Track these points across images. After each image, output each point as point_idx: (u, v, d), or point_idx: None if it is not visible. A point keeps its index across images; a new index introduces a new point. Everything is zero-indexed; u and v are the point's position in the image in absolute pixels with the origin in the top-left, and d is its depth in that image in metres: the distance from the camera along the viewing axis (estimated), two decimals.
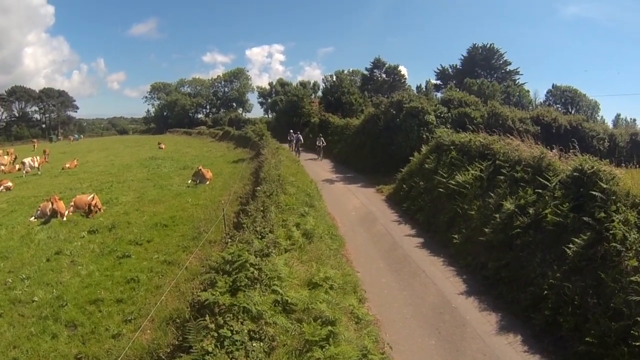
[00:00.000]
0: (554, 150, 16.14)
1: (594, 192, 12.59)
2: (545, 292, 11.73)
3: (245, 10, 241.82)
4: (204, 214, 20.03)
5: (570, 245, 11.91)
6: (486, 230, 15.19)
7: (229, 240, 11.66)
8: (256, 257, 10.12)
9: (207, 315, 8.02)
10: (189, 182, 29.57)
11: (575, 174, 13.60)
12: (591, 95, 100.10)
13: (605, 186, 12.58)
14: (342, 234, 18.63)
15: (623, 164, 17.00)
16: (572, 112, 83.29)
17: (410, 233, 19.16)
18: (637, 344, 9.18)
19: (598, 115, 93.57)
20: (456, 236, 16.67)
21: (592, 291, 10.79)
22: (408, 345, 10.97)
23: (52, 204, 20.63)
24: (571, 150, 15.20)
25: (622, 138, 39.63)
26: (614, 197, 12.28)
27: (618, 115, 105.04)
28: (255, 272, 9.46)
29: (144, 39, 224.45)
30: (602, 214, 11.92)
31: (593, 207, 12.34)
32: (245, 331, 7.69)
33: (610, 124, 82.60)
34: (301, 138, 48.59)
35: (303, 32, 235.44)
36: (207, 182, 29.20)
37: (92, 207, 21.15)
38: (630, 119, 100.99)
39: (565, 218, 12.82)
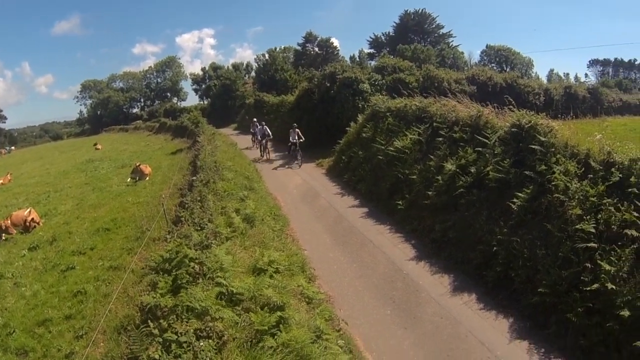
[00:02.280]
0: (489, 108, 16.35)
1: (533, 146, 12.79)
2: (495, 248, 11.92)
3: None
4: (146, 212, 19.37)
5: (515, 200, 12.13)
6: (429, 193, 15.29)
7: (168, 236, 11.24)
8: (196, 250, 9.84)
9: (149, 321, 7.70)
10: (128, 180, 28.68)
11: (513, 129, 13.81)
12: (525, 52, 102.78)
13: (543, 139, 12.79)
14: (285, 213, 18.42)
15: (559, 117, 17.26)
16: (507, 70, 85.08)
17: (354, 204, 19.19)
18: (588, 288, 9.46)
19: (532, 72, 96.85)
20: (400, 202, 16.73)
21: (540, 243, 11.04)
22: (364, 318, 10.94)
23: None
24: (507, 107, 15.39)
25: (557, 92, 41.46)
26: (552, 149, 12.53)
27: (552, 71, 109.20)
28: (195, 266, 9.19)
29: (68, 37, 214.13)
30: (543, 167, 12.18)
31: (533, 161, 12.57)
32: (192, 331, 7.42)
33: (544, 80, 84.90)
34: (269, 131, 33.79)
35: (231, 13, 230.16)
36: (147, 178, 28.37)
37: (29, 223, 20.10)
38: (564, 73, 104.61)
39: (507, 174, 13.02)
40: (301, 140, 29.08)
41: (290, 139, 29.54)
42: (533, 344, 9.71)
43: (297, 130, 29.30)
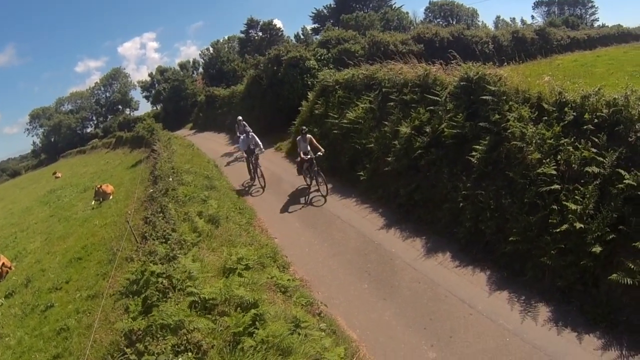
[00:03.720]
0: (436, 65, 16.38)
1: (484, 97, 12.91)
2: (461, 204, 12.11)
3: (100, 8, 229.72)
4: (114, 232, 18.90)
5: (473, 154, 12.28)
6: (389, 159, 15.32)
7: (134, 256, 11.09)
8: (162, 264, 9.69)
9: (126, 348, 7.62)
10: (92, 203, 27.95)
11: (462, 83, 13.89)
12: (468, 3, 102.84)
13: (493, 89, 12.91)
14: (250, 204, 18.25)
15: (510, 61, 17.80)
16: (454, 23, 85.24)
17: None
18: (558, 230, 9.69)
19: (479, 21, 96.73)
20: (362, 173, 16.80)
21: (505, 192, 11.23)
22: (342, 297, 10.99)
23: None
24: (454, 61, 15.49)
25: (505, 38, 42.11)
26: (504, 97, 12.65)
27: (498, 17, 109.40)
28: (164, 281, 9.07)
29: (6, 69, 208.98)
30: (497, 116, 12.31)
31: (487, 112, 12.69)
32: (169, 348, 7.34)
33: (492, 27, 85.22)
34: (257, 139, 21.12)
35: (168, 13, 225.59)
36: (110, 197, 27.72)
37: (1, 269, 19.63)
38: (510, 18, 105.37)
39: (462, 128, 13.11)
40: (320, 153, 17.41)
41: (301, 153, 17.85)
42: (512, 292, 9.92)
43: (308, 136, 18.03)
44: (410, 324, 9.70)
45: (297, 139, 18.29)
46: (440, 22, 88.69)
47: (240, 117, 26.48)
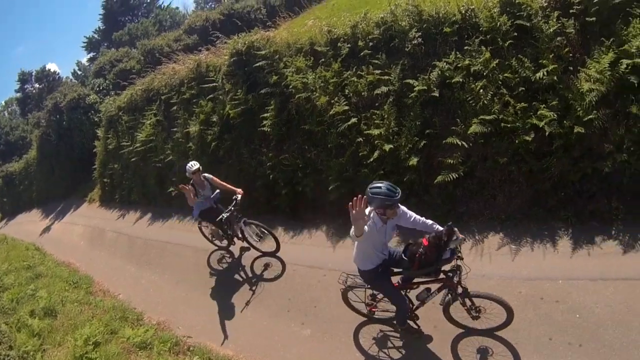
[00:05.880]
0: (204, 52, 16.46)
1: (258, 64, 12.91)
2: (271, 175, 12.39)
3: None
4: None
5: (264, 122, 12.46)
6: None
7: None
8: None
9: None
10: None
11: (233, 59, 13.85)
12: None
13: (264, 52, 12.98)
14: (84, 271, 16.94)
15: (284, 19, 17.95)
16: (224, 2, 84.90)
17: (137, 217, 18.54)
18: (371, 159, 10.33)
19: None
20: (172, 188, 16.34)
21: (307, 145, 11.71)
22: (203, 320, 10.40)
23: None
24: (225, 39, 15.33)
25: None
26: (277, 57, 12.89)
27: None
28: None
29: None
30: (275, 77, 12.46)
31: (264, 77, 12.80)
32: None
33: None
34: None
35: None
36: None
37: None
38: None
39: (246, 103, 13.21)
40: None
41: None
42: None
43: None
44: (275, 313, 9.59)
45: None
46: (213, 5, 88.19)
47: (192, 164, 11.30)
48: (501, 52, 9.62)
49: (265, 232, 10.97)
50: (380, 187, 5.91)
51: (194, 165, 10.98)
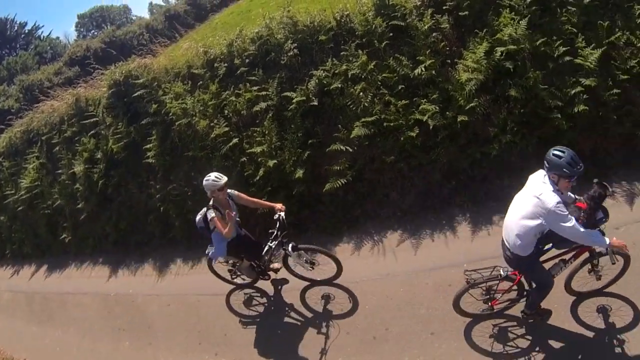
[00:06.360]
0: (81, 85, 15.75)
1: (137, 93, 12.42)
2: (162, 207, 12.05)
3: None
4: None
5: (148, 154, 12.05)
6: (80, 205, 14.30)
7: None
8: None
9: None
10: None
11: (112, 90, 13.23)
12: (117, 2, 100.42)
13: (142, 80, 12.55)
14: None
15: (168, 43, 17.53)
16: (109, 26, 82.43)
17: (32, 271, 16.80)
18: (258, 178, 10.41)
19: (133, 17, 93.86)
20: (64, 234, 15.38)
21: (193, 172, 11.28)
22: None
23: None
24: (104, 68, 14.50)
25: (159, 21, 42.62)
26: (156, 84, 12.52)
27: (151, 3, 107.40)
28: None
29: None
30: (155, 106, 12.13)
31: (144, 106, 12.37)
32: None
33: (147, 14, 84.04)
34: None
35: None
36: None
37: None
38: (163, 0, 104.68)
39: (129, 135, 12.70)
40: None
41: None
42: None
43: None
44: (188, 349, 9.39)
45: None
46: (95, 33, 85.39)
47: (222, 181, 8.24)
48: (378, 54, 10.01)
49: (323, 255, 8.76)
50: (563, 152, 5.53)
51: (220, 178, 8.04)
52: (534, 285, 6.53)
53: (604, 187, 5.82)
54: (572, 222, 5.47)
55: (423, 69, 9.29)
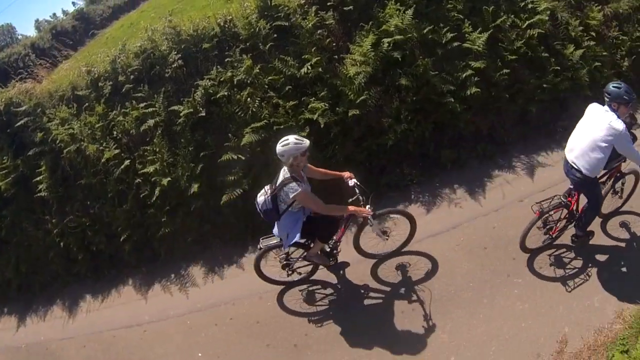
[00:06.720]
0: None
1: (20, 122, 11.60)
2: (62, 242, 11.29)
3: None
4: None
5: (40, 188, 11.27)
6: None
7: None
8: None
9: None
10: None
11: None
12: (1, 22, 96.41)
13: (25, 108, 11.73)
14: None
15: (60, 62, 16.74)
16: None
17: None
18: (154, 200, 10.12)
19: (19, 35, 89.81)
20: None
21: (90, 200, 11.06)
22: None
23: None
24: None
25: (46, 39, 41.49)
26: (40, 110, 11.76)
27: (37, 21, 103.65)
28: None
29: None
30: (40, 134, 11.36)
31: (30, 136, 11.59)
32: None
33: (34, 32, 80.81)
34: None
35: None
36: None
37: None
38: (50, 15, 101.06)
39: (17, 170, 11.79)
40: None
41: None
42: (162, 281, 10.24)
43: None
44: None
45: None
46: None
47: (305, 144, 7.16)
48: (264, 56, 9.99)
49: (398, 215, 8.22)
50: (620, 84, 6.58)
51: (303, 140, 7.02)
52: (586, 207, 7.45)
53: (633, 116, 7.53)
54: (632, 143, 6.65)
55: (309, 67, 9.39)
